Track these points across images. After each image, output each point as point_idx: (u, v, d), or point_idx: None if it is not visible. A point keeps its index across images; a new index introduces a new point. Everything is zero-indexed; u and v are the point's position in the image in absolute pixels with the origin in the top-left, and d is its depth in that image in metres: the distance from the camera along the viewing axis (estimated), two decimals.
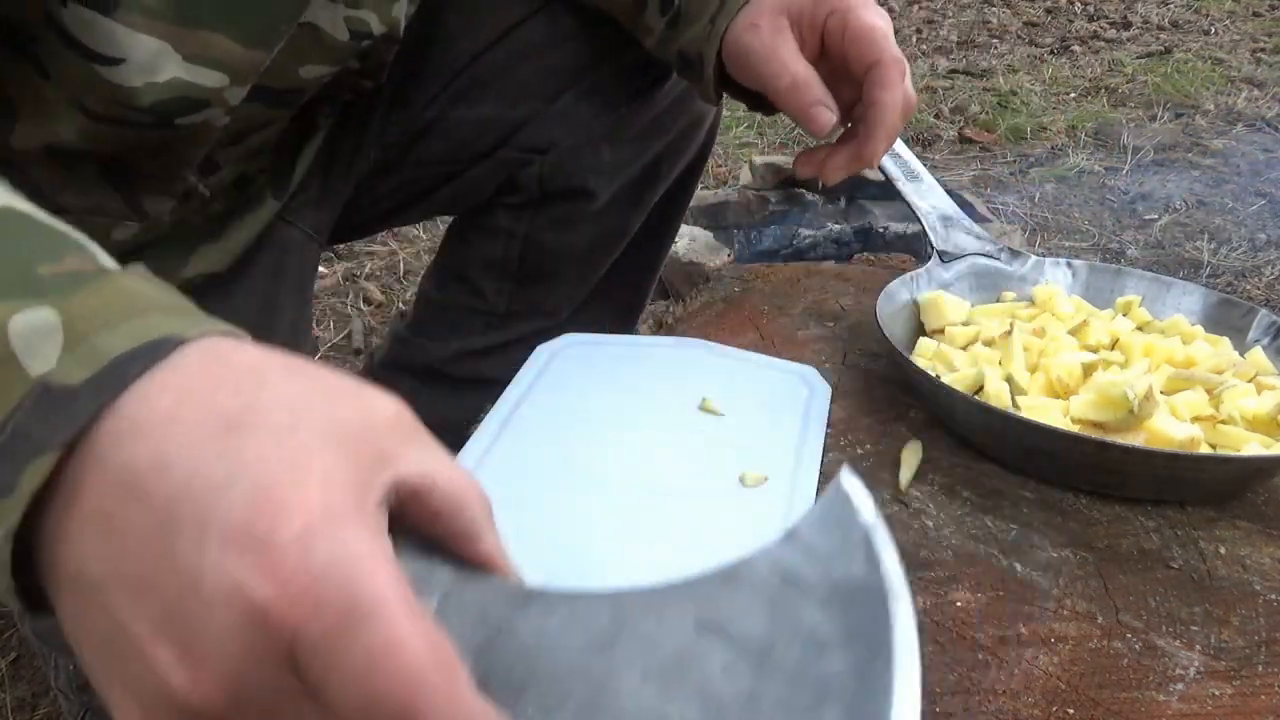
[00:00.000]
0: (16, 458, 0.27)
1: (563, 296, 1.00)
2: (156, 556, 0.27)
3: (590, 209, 0.94)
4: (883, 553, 0.37)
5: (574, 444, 0.66)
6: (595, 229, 0.96)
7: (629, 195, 0.94)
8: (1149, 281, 0.81)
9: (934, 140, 2.45)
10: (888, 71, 0.66)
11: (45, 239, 0.32)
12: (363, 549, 0.27)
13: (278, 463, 0.27)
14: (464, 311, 1.02)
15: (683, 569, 0.56)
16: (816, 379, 0.74)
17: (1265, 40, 3.25)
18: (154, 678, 0.27)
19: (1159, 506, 0.62)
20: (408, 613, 0.27)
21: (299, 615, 0.26)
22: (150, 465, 0.27)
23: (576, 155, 0.90)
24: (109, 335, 0.28)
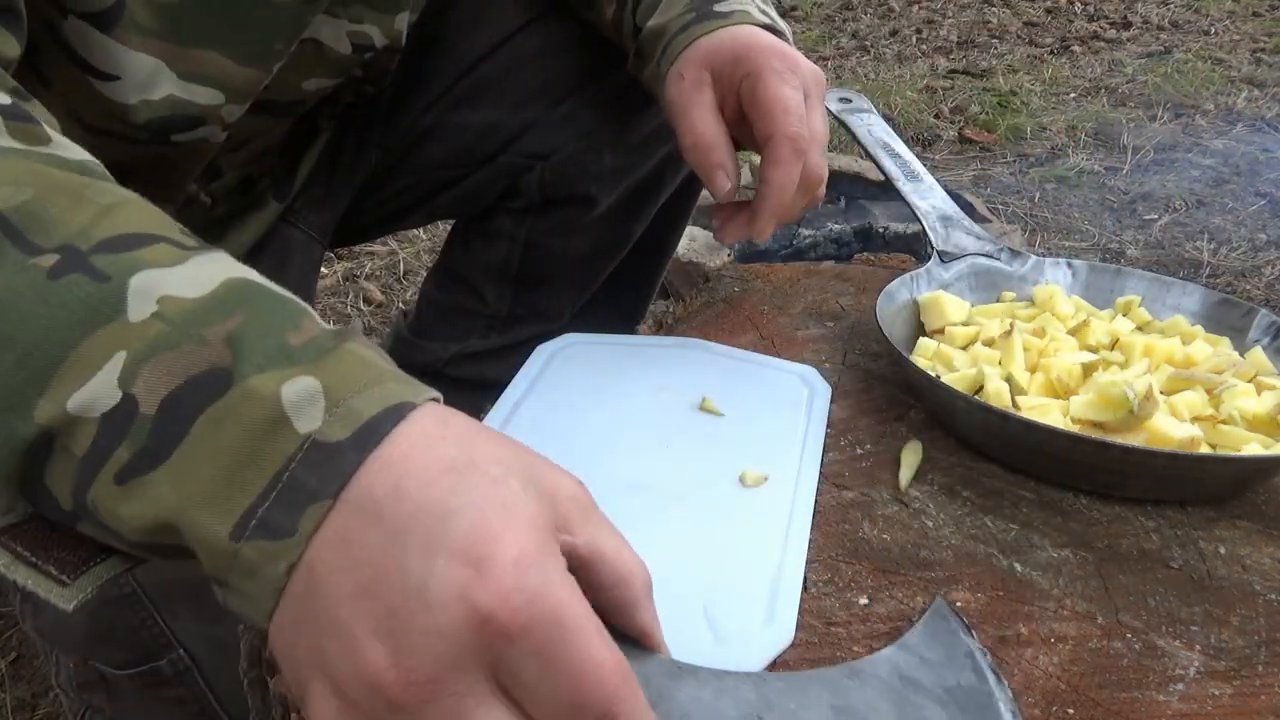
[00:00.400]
0: (296, 504, 0.32)
1: (564, 301, 1.00)
2: (386, 567, 0.31)
3: (591, 215, 0.93)
4: (987, 669, 0.44)
5: (574, 444, 0.66)
6: (597, 235, 0.96)
7: (631, 202, 0.94)
8: (1149, 281, 0.81)
9: (934, 140, 2.45)
10: (779, 149, 0.65)
11: (283, 308, 0.37)
12: (563, 579, 0.32)
13: (494, 501, 0.33)
14: (465, 314, 1.02)
15: (683, 569, 0.56)
16: (816, 379, 0.74)
17: (1265, 40, 3.25)
18: (363, 673, 0.30)
19: (1159, 506, 0.62)
20: (604, 636, 0.32)
21: (518, 625, 0.30)
22: (387, 493, 0.32)
23: (579, 161, 0.90)
24: (361, 400, 0.34)
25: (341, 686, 0.31)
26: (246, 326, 0.35)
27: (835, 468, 0.65)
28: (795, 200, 0.67)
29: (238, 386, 0.33)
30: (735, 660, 0.49)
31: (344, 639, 0.31)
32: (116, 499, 0.34)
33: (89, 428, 0.34)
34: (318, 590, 0.32)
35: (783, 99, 0.65)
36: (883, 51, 3.18)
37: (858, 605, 0.54)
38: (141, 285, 0.35)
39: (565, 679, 0.31)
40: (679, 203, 0.99)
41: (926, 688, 0.42)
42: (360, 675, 0.31)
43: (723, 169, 0.67)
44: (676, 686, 0.38)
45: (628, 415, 0.69)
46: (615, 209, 0.94)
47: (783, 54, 0.67)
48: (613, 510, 0.60)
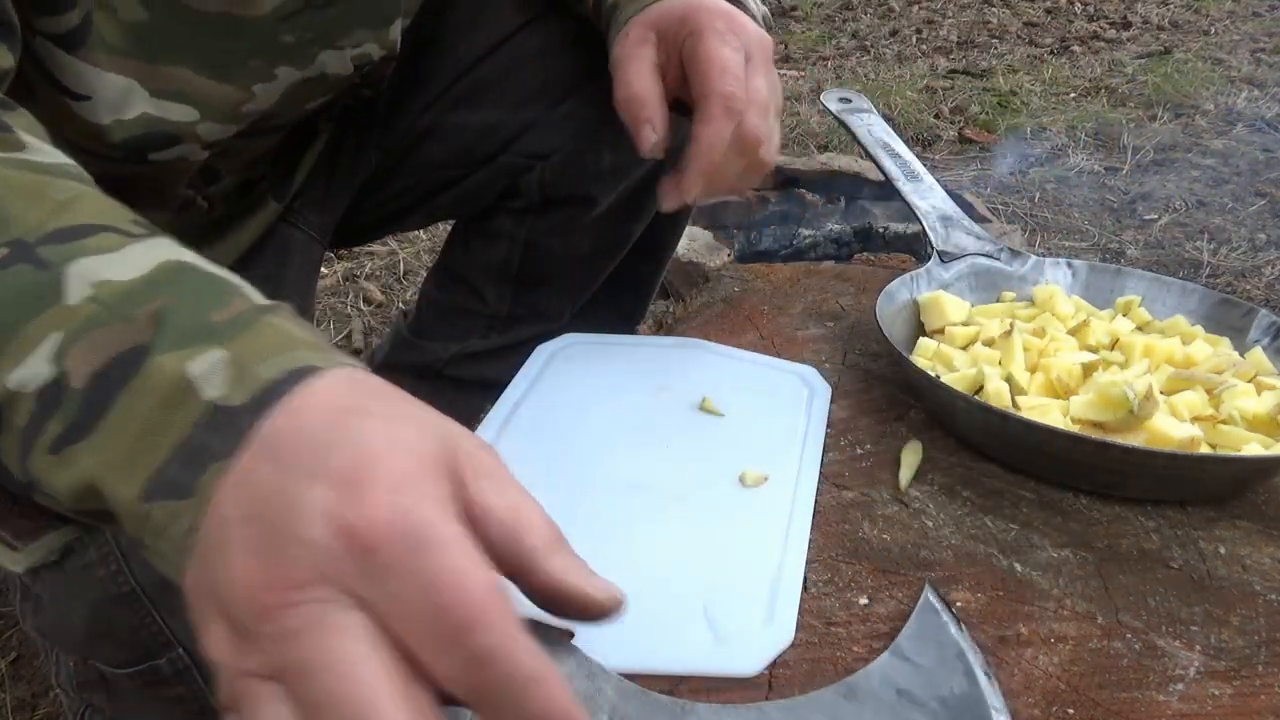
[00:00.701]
0: (198, 464, 0.34)
1: (564, 301, 1.00)
2: (270, 495, 0.32)
3: (591, 215, 0.93)
4: (978, 670, 0.45)
5: (574, 444, 0.66)
6: (597, 234, 0.96)
7: (631, 201, 0.94)
8: (1149, 281, 0.81)
9: (934, 140, 2.45)
10: (710, 106, 0.64)
11: (213, 287, 0.39)
12: (438, 506, 0.32)
13: (383, 436, 0.34)
14: (465, 314, 1.02)
15: (683, 569, 0.56)
16: (816, 379, 0.74)
17: (1265, 40, 3.25)
18: (236, 585, 0.32)
19: (1159, 506, 0.62)
20: (473, 555, 0.32)
21: (380, 538, 0.31)
22: (283, 435, 0.34)
23: (579, 161, 0.90)
24: (265, 366, 0.35)
25: (225, 609, 0.32)
26: (171, 305, 0.37)
27: (835, 468, 0.65)
28: (729, 162, 0.66)
29: (151, 360, 0.36)
30: (735, 660, 0.49)
31: (225, 560, 0.32)
32: (51, 468, 0.36)
33: (27, 402, 0.36)
34: (215, 533, 0.33)
35: (720, 58, 0.64)
36: (883, 51, 3.17)
37: (858, 605, 0.54)
38: (80, 271, 0.38)
39: (424, 590, 0.30)
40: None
41: (921, 700, 0.42)
42: (234, 588, 0.32)
43: (650, 124, 0.67)
44: None
45: (628, 415, 0.69)
46: (615, 209, 0.94)
47: (728, 16, 0.67)
48: (613, 510, 0.60)
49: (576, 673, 0.38)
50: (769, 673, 0.49)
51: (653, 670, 0.48)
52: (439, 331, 1.04)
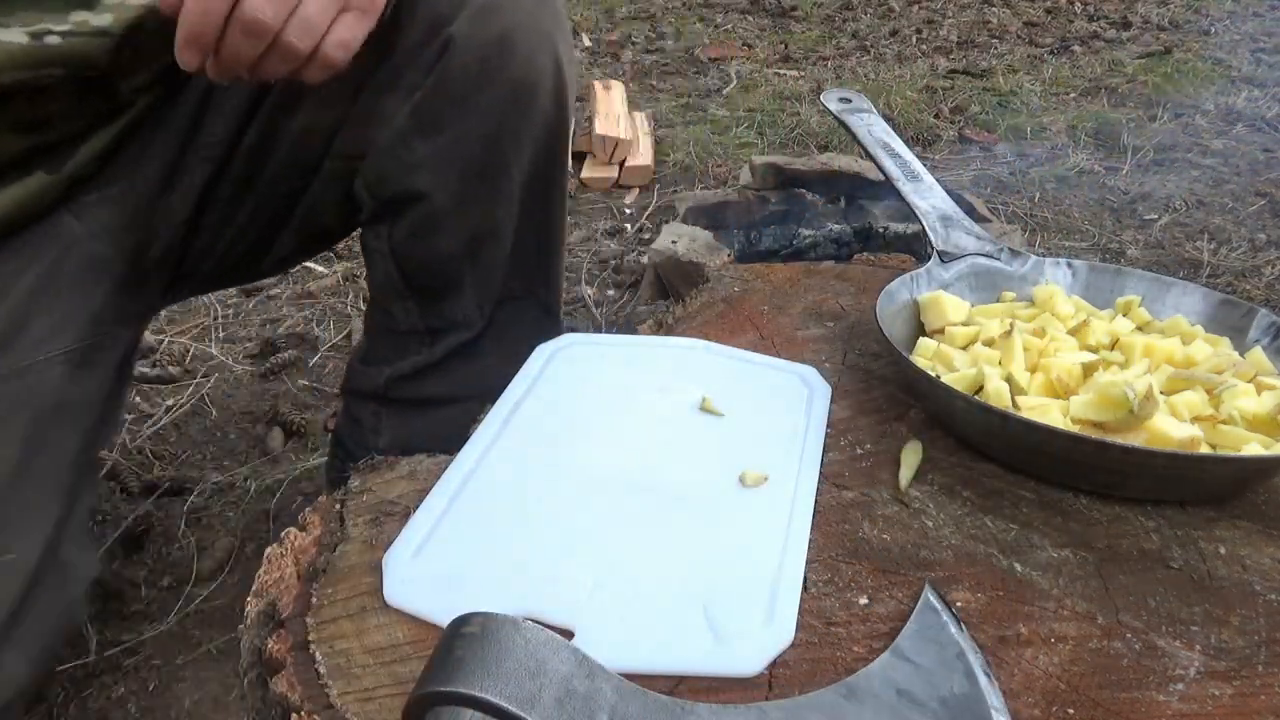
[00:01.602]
0: None
1: (469, 305, 0.98)
2: None
3: (435, 210, 0.90)
4: (978, 669, 0.45)
5: (574, 443, 0.66)
6: (456, 230, 0.93)
7: (474, 188, 0.91)
8: (1149, 281, 0.81)
9: (934, 140, 2.45)
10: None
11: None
12: None
13: None
14: (390, 335, 1.01)
15: (683, 569, 0.56)
16: (816, 379, 0.74)
17: (1265, 40, 3.25)
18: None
19: (1159, 506, 0.62)
20: None
21: None
22: None
23: (391, 156, 0.88)
24: None
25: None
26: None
27: (835, 468, 0.65)
28: (239, 44, 0.66)
29: None
30: (735, 660, 0.49)
31: None
32: None
33: None
34: None
35: None
36: (883, 51, 3.17)
37: (858, 605, 0.54)
38: None
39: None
40: (543, 176, 0.95)
41: (921, 701, 0.43)
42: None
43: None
44: None
45: (628, 415, 0.69)
46: (459, 199, 0.91)
47: None
48: (613, 510, 0.60)
49: (576, 673, 0.38)
50: (769, 673, 0.49)
51: (653, 670, 0.48)
52: (378, 356, 1.03)
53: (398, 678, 0.49)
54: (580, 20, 3.46)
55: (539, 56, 0.88)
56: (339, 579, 0.55)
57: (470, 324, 0.98)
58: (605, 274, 1.84)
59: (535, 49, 0.87)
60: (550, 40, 0.89)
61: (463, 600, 0.50)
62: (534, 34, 0.87)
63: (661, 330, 0.82)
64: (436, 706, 0.38)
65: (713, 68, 3.02)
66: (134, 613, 1.09)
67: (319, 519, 0.60)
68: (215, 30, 0.66)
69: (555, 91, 0.90)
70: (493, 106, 0.87)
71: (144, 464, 1.31)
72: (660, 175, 2.27)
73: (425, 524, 0.58)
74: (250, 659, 0.52)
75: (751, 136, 2.46)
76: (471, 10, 0.84)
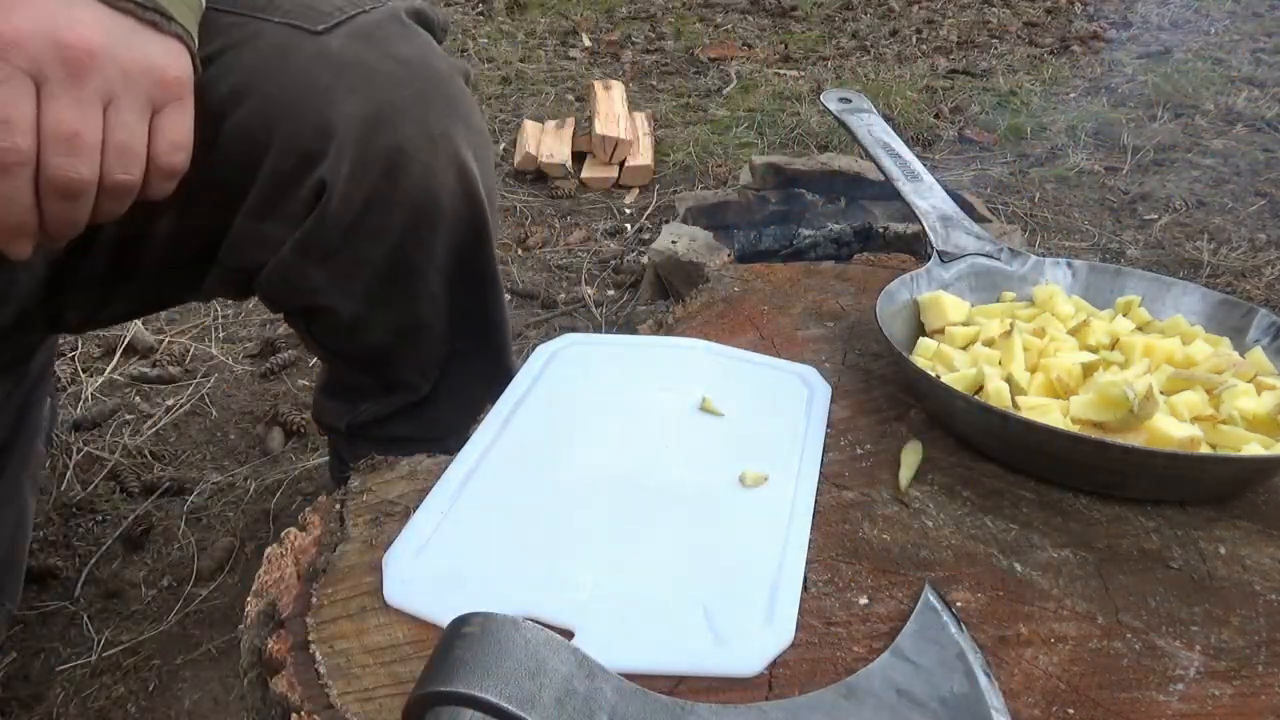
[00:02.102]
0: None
1: (412, 373, 0.95)
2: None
3: (344, 319, 0.86)
4: (978, 670, 0.45)
5: (574, 443, 0.66)
6: (379, 328, 0.89)
7: (385, 296, 0.86)
8: (1149, 281, 0.81)
9: (934, 140, 2.45)
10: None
11: None
12: None
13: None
14: (344, 386, 1.01)
15: (683, 569, 0.56)
16: (816, 379, 0.74)
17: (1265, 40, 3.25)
18: None
19: (1159, 506, 0.62)
20: None
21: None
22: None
23: (285, 278, 0.82)
24: None
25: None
26: None
27: (835, 468, 0.65)
28: (60, 209, 0.60)
29: None
30: (735, 660, 0.49)
31: None
32: None
33: None
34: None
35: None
36: (883, 51, 3.17)
37: (858, 605, 0.54)
38: None
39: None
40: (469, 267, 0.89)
41: (921, 701, 0.43)
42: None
43: None
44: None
45: (628, 415, 0.69)
46: (371, 307, 0.86)
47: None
48: (613, 510, 0.60)
49: (576, 673, 0.38)
50: (769, 673, 0.49)
51: (653, 670, 0.48)
52: (335, 399, 1.03)
53: (398, 678, 0.49)
54: (580, 20, 3.46)
55: (436, 165, 0.81)
56: (339, 579, 0.55)
57: (418, 387, 0.96)
58: (605, 274, 1.84)
59: (430, 160, 0.80)
60: (447, 140, 0.81)
61: (463, 600, 0.50)
62: (425, 142, 0.79)
63: (661, 330, 0.82)
64: (436, 706, 0.38)
65: (713, 68, 3.02)
66: (134, 613, 1.09)
67: (319, 519, 0.60)
68: (29, 211, 0.59)
69: (462, 187, 0.83)
70: (389, 228, 0.81)
71: (144, 464, 1.31)
72: (660, 175, 2.27)
73: (425, 524, 0.58)
74: (250, 659, 0.52)
75: (751, 136, 2.46)
76: (342, 138, 0.76)
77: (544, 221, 2.06)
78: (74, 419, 1.38)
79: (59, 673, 1.02)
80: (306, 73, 0.76)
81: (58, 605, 1.09)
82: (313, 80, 0.76)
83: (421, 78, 0.80)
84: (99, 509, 1.23)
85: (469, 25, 3.35)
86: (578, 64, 3.05)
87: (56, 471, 1.29)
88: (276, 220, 0.79)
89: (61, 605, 1.09)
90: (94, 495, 1.26)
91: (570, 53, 3.15)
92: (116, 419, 1.40)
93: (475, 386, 0.96)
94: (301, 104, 0.75)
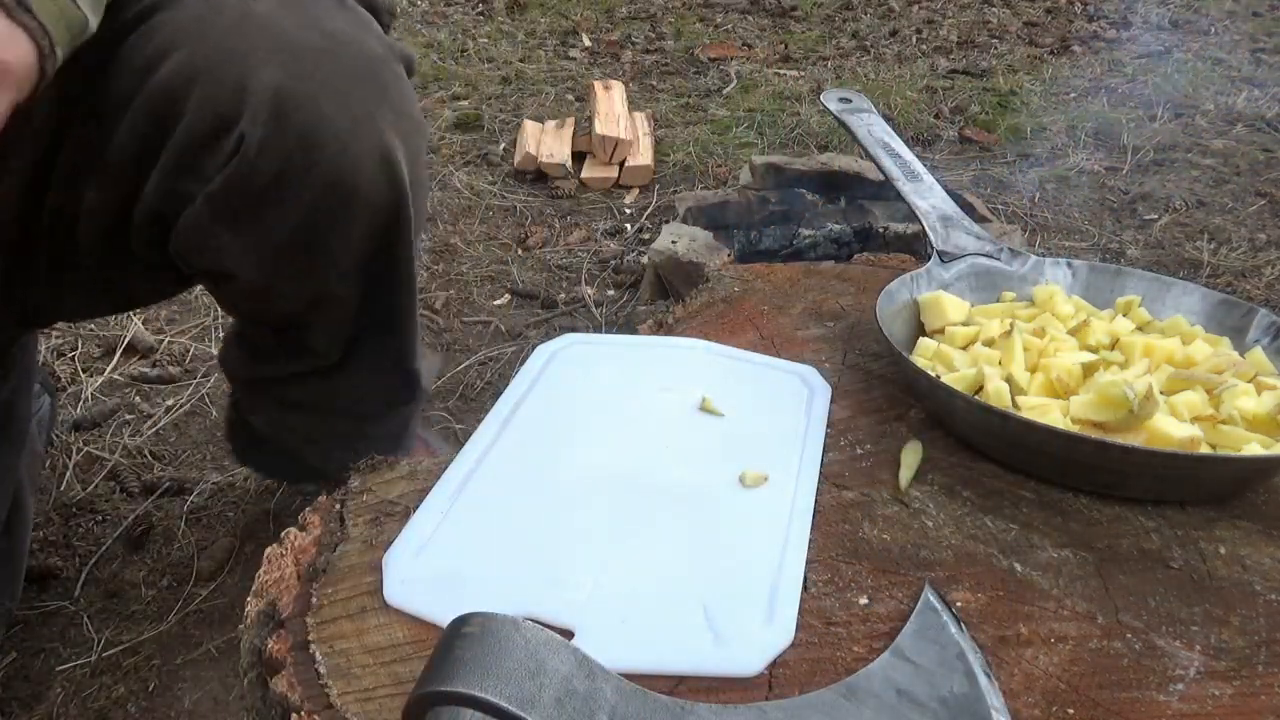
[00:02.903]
0: None
1: (323, 337, 0.94)
2: None
3: (251, 286, 0.86)
4: (978, 670, 0.45)
5: (574, 443, 0.66)
6: (287, 299, 0.88)
7: (291, 271, 0.85)
8: (1149, 281, 0.81)
9: (934, 140, 2.45)
10: None
11: None
12: None
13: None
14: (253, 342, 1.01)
15: (683, 569, 0.56)
16: (816, 379, 0.74)
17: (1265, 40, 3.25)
18: None
19: (1159, 506, 0.62)
20: None
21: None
22: None
23: (194, 236, 0.80)
24: None
25: None
26: None
27: (835, 468, 0.65)
28: None
29: None
30: (735, 660, 0.49)
31: None
32: None
33: None
34: None
35: None
36: (883, 51, 3.17)
37: (858, 605, 0.54)
38: None
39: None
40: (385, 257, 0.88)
41: (921, 701, 0.43)
42: None
43: None
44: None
45: (628, 415, 0.69)
46: (277, 279, 0.85)
47: None
48: (613, 510, 0.60)
49: (576, 673, 0.38)
50: (769, 673, 0.49)
51: (653, 670, 0.48)
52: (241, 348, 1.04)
53: (398, 678, 0.49)
54: (580, 20, 3.46)
55: (354, 148, 0.79)
56: (339, 579, 0.55)
57: (328, 354, 0.95)
58: (605, 274, 1.84)
59: (349, 142, 0.78)
60: (370, 123, 0.79)
61: (463, 600, 0.50)
62: (346, 123, 0.78)
63: (661, 330, 0.82)
64: (436, 706, 0.38)
65: (713, 68, 3.01)
66: (134, 613, 1.09)
67: (319, 519, 0.60)
68: None
69: (384, 174, 0.81)
70: (301, 203, 0.80)
71: (144, 464, 1.31)
72: (660, 175, 2.27)
73: (425, 524, 0.58)
74: (250, 659, 0.52)
75: (751, 136, 2.46)
76: (258, 107, 0.75)
77: (544, 221, 2.06)
78: (74, 419, 1.37)
79: (59, 673, 1.02)
80: (227, 35, 0.75)
81: (58, 605, 1.09)
82: (233, 44, 0.75)
83: (349, 55, 0.79)
84: (99, 509, 1.23)
85: (469, 25, 3.35)
86: (578, 64, 3.04)
87: (56, 471, 1.29)
88: (192, 179, 0.78)
89: (61, 605, 1.09)
90: (94, 495, 1.26)
91: (570, 53, 3.15)
92: (116, 419, 1.40)
93: (378, 374, 0.97)
94: (221, 66, 0.75)
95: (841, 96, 0.98)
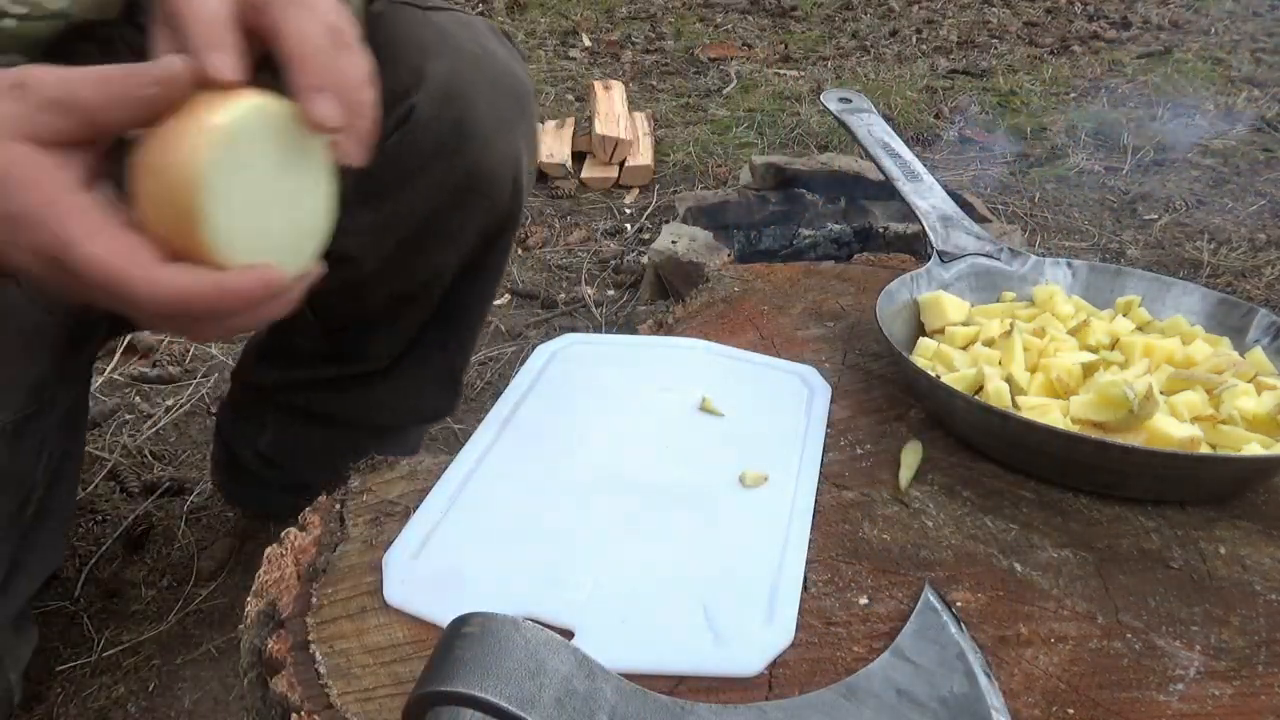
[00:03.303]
0: None
1: (381, 344, 0.98)
2: None
3: (362, 273, 0.89)
4: (978, 670, 0.45)
5: (574, 444, 0.66)
6: (381, 292, 0.93)
7: (407, 261, 0.91)
8: (1149, 281, 0.81)
9: (934, 140, 2.45)
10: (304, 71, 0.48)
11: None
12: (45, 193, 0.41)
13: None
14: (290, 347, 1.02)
15: (683, 569, 0.56)
16: (816, 379, 0.74)
17: (1265, 40, 3.25)
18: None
19: (1159, 506, 0.62)
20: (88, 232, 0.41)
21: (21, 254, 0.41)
22: None
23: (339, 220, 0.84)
24: None
25: None
26: None
27: (835, 468, 0.65)
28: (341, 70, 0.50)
29: None
30: (735, 660, 0.49)
31: None
32: None
33: None
34: None
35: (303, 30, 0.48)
36: (883, 51, 3.17)
37: (858, 605, 0.54)
38: None
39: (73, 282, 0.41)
40: (482, 269, 0.96)
41: (921, 701, 0.43)
42: None
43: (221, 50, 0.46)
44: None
45: (628, 415, 0.69)
46: (389, 266, 0.90)
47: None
48: (613, 510, 0.60)
49: (576, 673, 0.38)
50: (769, 673, 0.49)
51: (653, 670, 0.48)
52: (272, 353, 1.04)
53: (398, 678, 0.49)
54: (580, 20, 3.46)
55: (498, 145, 0.88)
56: (339, 579, 0.55)
57: (377, 359, 0.99)
58: (605, 274, 1.84)
59: (494, 140, 0.87)
60: (511, 133, 0.88)
61: (463, 600, 0.50)
62: (494, 124, 0.87)
63: (661, 330, 0.82)
64: (436, 706, 0.38)
65: (713, 68, 3.02)
66: (134, 613, 1.09)
67: (319, 519, 0.60)
68: None
69: (513, 182, 0.90)
70: (441, 186, 0.87)
71: (144, 464, 1.31)
72: (660, 175, 2.27)
73: (425, 524, 0.58)
74: (250, 659, 0.52)
75: (751, 136, 2.46)
76: (431, 88, 0.83)
77: (544, 221, 2.06)
78: None
79: (59, 673, 1.02)
80: (410, 30, 0.84)
81: (58, 605, 1.09)
82: (415, 36, 0.84)
83: (503, 73, 0.88)
84: (99, 509, 1.23)
85: None
86: (578, 64, 3.05)
87: None
88: None
89: (61, 605, 1.09)
90: (94, 495, 1.26)
91: (570, 53, 3.15)
92: (116, 419, 1.40)
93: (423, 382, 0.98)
94: (403, 49, 0.83)
95: (841, 96, 0.98)
